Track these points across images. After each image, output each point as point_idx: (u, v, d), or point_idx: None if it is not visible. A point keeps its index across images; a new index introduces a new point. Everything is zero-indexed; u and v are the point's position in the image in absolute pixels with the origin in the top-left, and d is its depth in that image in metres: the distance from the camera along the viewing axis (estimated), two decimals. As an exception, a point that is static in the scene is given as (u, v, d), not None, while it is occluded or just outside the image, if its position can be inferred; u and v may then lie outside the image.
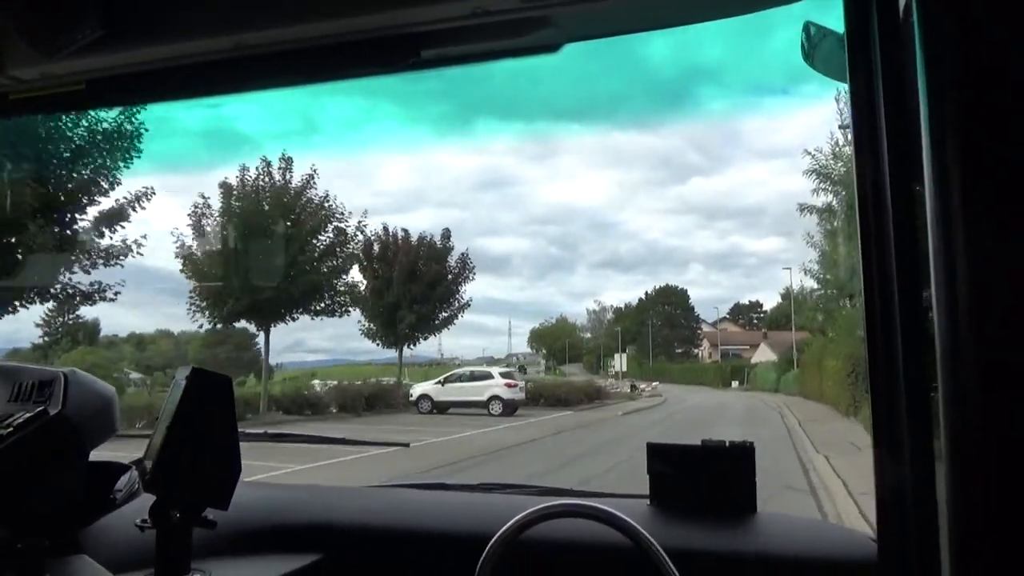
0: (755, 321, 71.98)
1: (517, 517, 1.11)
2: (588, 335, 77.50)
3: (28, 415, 1.23)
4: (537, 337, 78.85)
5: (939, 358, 0.75)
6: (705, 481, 1.45)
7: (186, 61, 1.31)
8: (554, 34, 1.21)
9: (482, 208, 76.42)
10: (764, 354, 50.58)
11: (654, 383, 45.40)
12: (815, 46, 1.23)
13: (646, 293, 74.96)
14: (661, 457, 1.49)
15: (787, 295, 66.51)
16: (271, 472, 8.02)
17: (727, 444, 1.46)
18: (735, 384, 49.69)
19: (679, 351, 69.48)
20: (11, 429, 1.20)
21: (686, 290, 73.48)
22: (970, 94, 0.74)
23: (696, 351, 69.70)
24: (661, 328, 70.57)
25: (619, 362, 50.72)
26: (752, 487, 1.43)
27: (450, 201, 76.58)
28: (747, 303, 76.43)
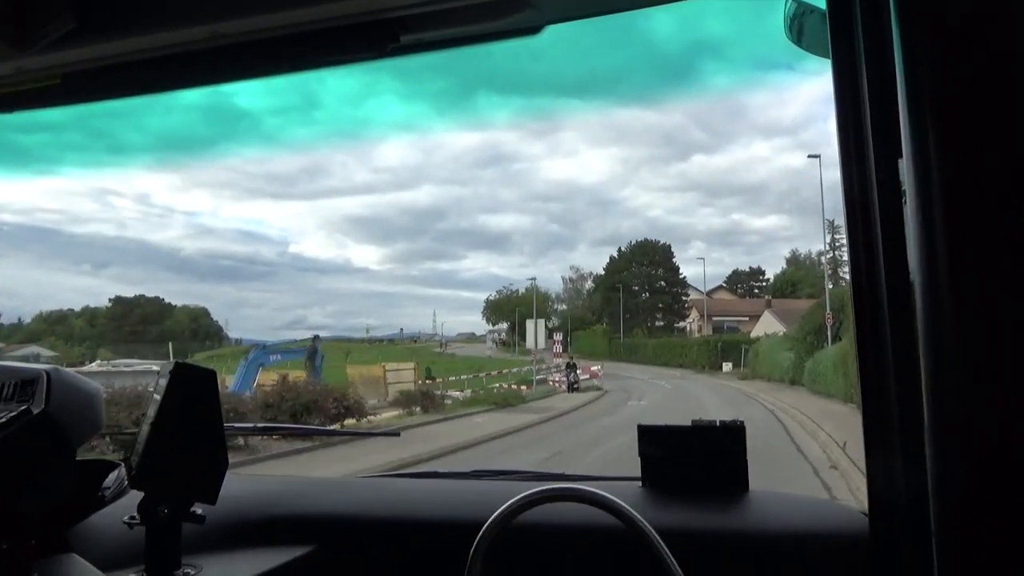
0: (756, 291, 58.88)
1: (509, 502, 1.10)
2: (563, 306, 65.88)
3: (11, 414, 1.22)
4: (494, 308, 65.59)
5: (920, 334, 0.76)
6: (697, 461, 1.45)
7: (163, 52, 1.29)
8: (535, 15, 1.20)
9: (483, 185, 75.70)
10: (768, 326, 37.48)
11: (595, 367, 32.43)
12: (799, 22, 1.23)
13: (619, 250, 60.98)
14: (652, 439, 1.49)
15: (794, 259, 56.46)
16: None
17: (717, 423, 1.47)
18: (727, 367, 35.39)
19: (660, 323, 55.60)
20: None
21: (669, 245, 59.52)
22: (944, 70, 0.75)
23: (683, 323, 55.42)
24: (639, 293, 56.86)
25: (532, 335, 30.51)
26: (744, 465, 1.44)
27: (451, 178, 76.00)
28: (747, 270, 63.29)
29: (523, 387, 27.15)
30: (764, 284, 60.16)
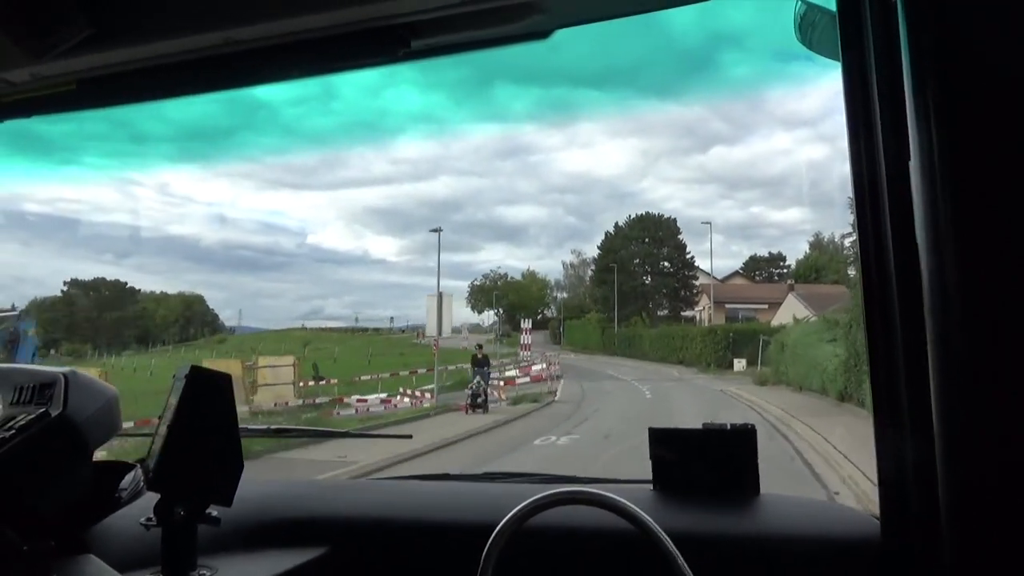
0: (776, 278, 51.56)
1: (520, 505, 1.11)
2: (564, 294, 60.16)
3: (30, 416, 1.23)
4: (478, 294, 59.63)
5: (928, 337, 0.76)
6: (708, 464, 1.45)
7: (176, 58, 1.30)
8: (545, 20, 1.21)
9: (501, 176, 74.61)
10: (792, 311, 29.48)
11: (538, 366, 25.78)
12: (809, 24, 1.22)
13: (616, 225, 51.64)
14: (663, 442, 1.49)
15: (817, 243, 49.24)
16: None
17: (728, 427, 1.46)
18: (739, 365, 27.72)
19: (664, 311, 46.99)
20: (13, 432, 1.21)
21: (675, 219, 50.33)
22: (952, 73, 0.75)
23: (692, 312, 46.72)
24: (639, 276, 48.01)
25: (435, 317, 21.75)
26: (755, 469, 1.44)
27: (469, 169, 74.60)
28: (766, 255, 55.55)
29: (427, 395, 20.65)
30: (784, 271, 52.61)
